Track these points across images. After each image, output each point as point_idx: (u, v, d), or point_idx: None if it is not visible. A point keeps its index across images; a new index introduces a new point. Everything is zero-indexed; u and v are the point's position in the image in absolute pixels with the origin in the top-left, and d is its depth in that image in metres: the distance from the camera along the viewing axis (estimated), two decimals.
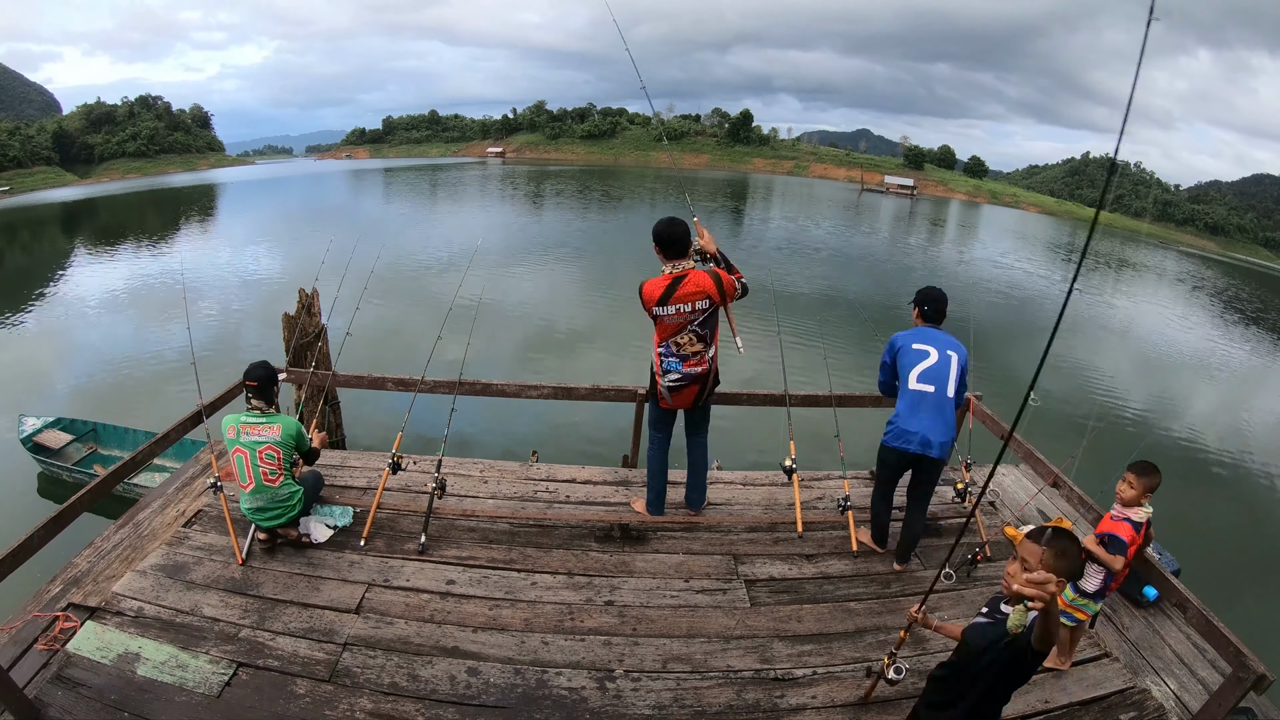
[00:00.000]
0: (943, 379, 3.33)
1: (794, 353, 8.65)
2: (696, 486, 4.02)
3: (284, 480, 3.40)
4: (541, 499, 4.22)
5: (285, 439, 3.38)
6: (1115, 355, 14.45)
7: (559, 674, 2.87)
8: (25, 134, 73.67)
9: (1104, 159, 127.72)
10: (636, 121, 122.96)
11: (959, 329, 3.69)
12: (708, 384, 3.61)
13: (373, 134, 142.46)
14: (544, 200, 40.70)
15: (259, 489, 3.34)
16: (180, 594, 3.15)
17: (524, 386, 4.75)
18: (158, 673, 2.71)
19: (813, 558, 3.78)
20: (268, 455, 3.34)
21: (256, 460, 3.32)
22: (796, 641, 3.14)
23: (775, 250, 24.03)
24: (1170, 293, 28.18)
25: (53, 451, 6.75)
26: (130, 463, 3.62)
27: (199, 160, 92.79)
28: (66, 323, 12.78)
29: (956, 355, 3.40)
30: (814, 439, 5.14)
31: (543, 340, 11.28)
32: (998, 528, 4.10)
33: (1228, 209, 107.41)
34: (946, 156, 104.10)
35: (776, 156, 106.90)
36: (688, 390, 3.60)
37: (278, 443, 3.36)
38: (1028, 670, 1.83)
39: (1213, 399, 12.44)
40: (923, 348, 3.41)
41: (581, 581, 3.47)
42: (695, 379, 3.55)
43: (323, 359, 5.41)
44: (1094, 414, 10.20)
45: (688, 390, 3.60)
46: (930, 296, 3.56)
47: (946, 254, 29.77)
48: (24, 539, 2.74)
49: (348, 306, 4.93)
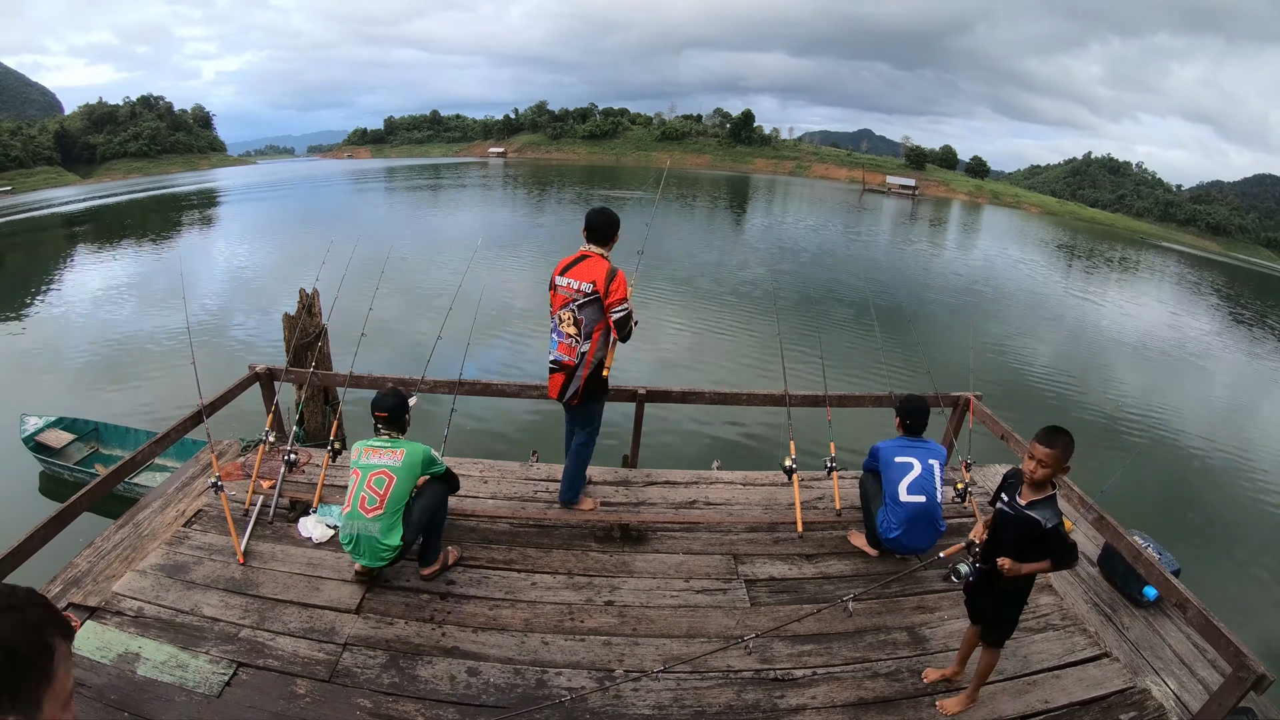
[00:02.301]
0: (930, 488, 3.52)
1: (794, 353, 8.65)
2: (564, 480, 4.04)
3: (383, 514, 3.02)
4: (541, 499, 4.22)
5: (408, 464, 3.08)
6: (1115, 356, 14.43)
7: (559, 674, 2.87)
8: (27, 134, 73.82)
9: (1105, 159, 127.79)
10: (638, 122, 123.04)
11: (959, 329, 3.69)
12: (573, 381, 3.63)
13: (374, 134, 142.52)
14: (544, 200, 40.71)
15: (353, 515, 3.04)
16: (180, 594, 3.16)
17: (524, 386, 4.75)
18: (158, 673, 2.71)
19: (813, 558, 3.78)
20: (377, 481, 3.03)
21: (365, 484, 3.04)
22: (796, 641, 3.14)
23: (774, 251, 24.01)
24: (1171, 293, 28.13)
25: (54, 451, 6.76)
26: (130, 463, 3.63)
27: (200, 160, 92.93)
28: (68, 322, 12.79)
29: (937, 462, 3.60)
30: (813, 440, 5.14)
31: (542, 339, 11.23)
32: None
33: (1229, 209, 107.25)
34: (948, 157, 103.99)
35: (778, 156, 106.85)
36: (554, 377, 3.69)
37: (395, 468, 3.05)
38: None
39: (1212, 400, 12.42)
40: (906, 460, 3.57)
41: (581, 581, 3.47)
42: (562, 367, 3.63)
43: (323, 359, 5.41)
44: (1094, 414, 10.21)
45: (554, 377, 3.69)
46: (914, 409, 3.69)
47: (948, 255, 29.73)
48: (24, 539, 2.75)
49: (349, 306, 4.93)
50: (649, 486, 4.43)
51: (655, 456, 5.75)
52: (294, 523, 3.74)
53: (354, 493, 3.06)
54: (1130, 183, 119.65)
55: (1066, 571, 3.83)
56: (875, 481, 3.70)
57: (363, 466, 3.08)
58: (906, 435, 3.66)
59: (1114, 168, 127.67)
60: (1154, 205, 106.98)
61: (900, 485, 3.51)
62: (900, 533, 3.54)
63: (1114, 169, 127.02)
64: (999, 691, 2.91)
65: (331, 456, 4.00)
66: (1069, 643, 3.23)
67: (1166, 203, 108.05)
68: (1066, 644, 3.22)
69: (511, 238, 23.25)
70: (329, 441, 4.03)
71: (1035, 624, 3.34)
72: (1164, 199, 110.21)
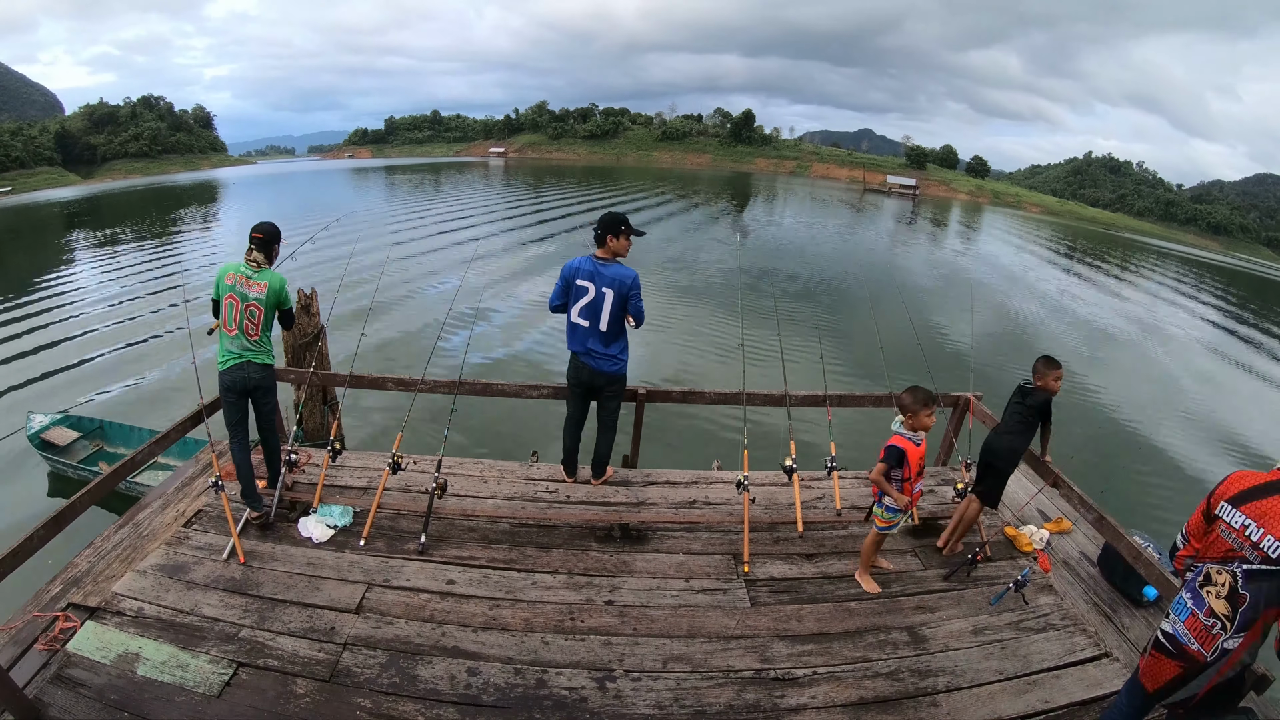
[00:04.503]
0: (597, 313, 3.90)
1: (794, 352, 8.64)
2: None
3: (262, 336, 3.63)
4: (541, 499, 4.22)
5: (269, 296, 3.58)
6: (1115, 357, 14.42)
7: (559, 674, 2.87)
8: (28, 134, 73.83)
9: (1105, 159, 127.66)
10: (639, 121, 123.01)
11: (960, 328, 3.69)
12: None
13: (375, 134, 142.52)
14: (545, 200, 40.70)
15: (239, 338, 3.56)
16: (180, 594, 3.16)
17: (524, 386, 4.75)
18: (158, 673, 2.71)
19: (813, 557, 3.77)
20: (251, 312, 3.54)
21: (244, 311, 3.53)
22: (796, 641, 3.14)
23: (775, 252, 24.00)
24: (1171, 294, 28.10)
25: (59, 448, 6.78)
26: (130, 462, 3.63)
27: (201, 160, 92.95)
28: (69, 322, 12.80)
29: (611, 291, 3.82)
30: (813, 440, 5.14)
31: (543, 339, 11.30)
32: (998, 528, 4.10)
33: (1230, 208, 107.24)
34: (949, 156, 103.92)
35: (779, 156, 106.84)
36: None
37: (262, 300, 3.56)
38: None
39: (1213, 400, 12.41)
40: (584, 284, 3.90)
41: (581, 581, 3.47)
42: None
43: (322, 359, 5.40)
44: (1093, 415, 10.21)
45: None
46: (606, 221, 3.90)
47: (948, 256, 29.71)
48: (24, 539, 2.75)
49: (351, 306, 4.93)
50: (649, 486, 4.43)
51: (655, 456, 5.75)
52: (294, 523, 3.74)
53: (237, 317, 3.52)
54: (1130, 182, 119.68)
55: (1066, 572, 3.83)
56: None
57: (239, 294, 3.52)
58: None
59: (1114, 167, 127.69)
60: (1155, 205, 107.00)
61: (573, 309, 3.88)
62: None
63: (1114, 168, 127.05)
64: (999, 691, 2.90)
65: (331, 456, 4.00)
66: (1069, 643, 3.22)
67: (1167, 202, 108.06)
68: (1066, 644, 3.21)
69: (512, 237, 23.26)
70: (328, 441, 4.03)
71: (1035, 624, 3.33)
72: (1164, 198, 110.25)
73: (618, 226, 3.80)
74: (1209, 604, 2.14)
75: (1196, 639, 2.17)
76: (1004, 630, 3.28)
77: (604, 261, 3.82)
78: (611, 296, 3.78)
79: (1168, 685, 2.27)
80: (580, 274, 3.82)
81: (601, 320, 3.81)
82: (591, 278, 3.79)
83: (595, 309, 3.80)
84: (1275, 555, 2.00)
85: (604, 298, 3.78)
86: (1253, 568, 2.05)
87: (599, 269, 3.80)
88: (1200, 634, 2.16)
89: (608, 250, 3.82)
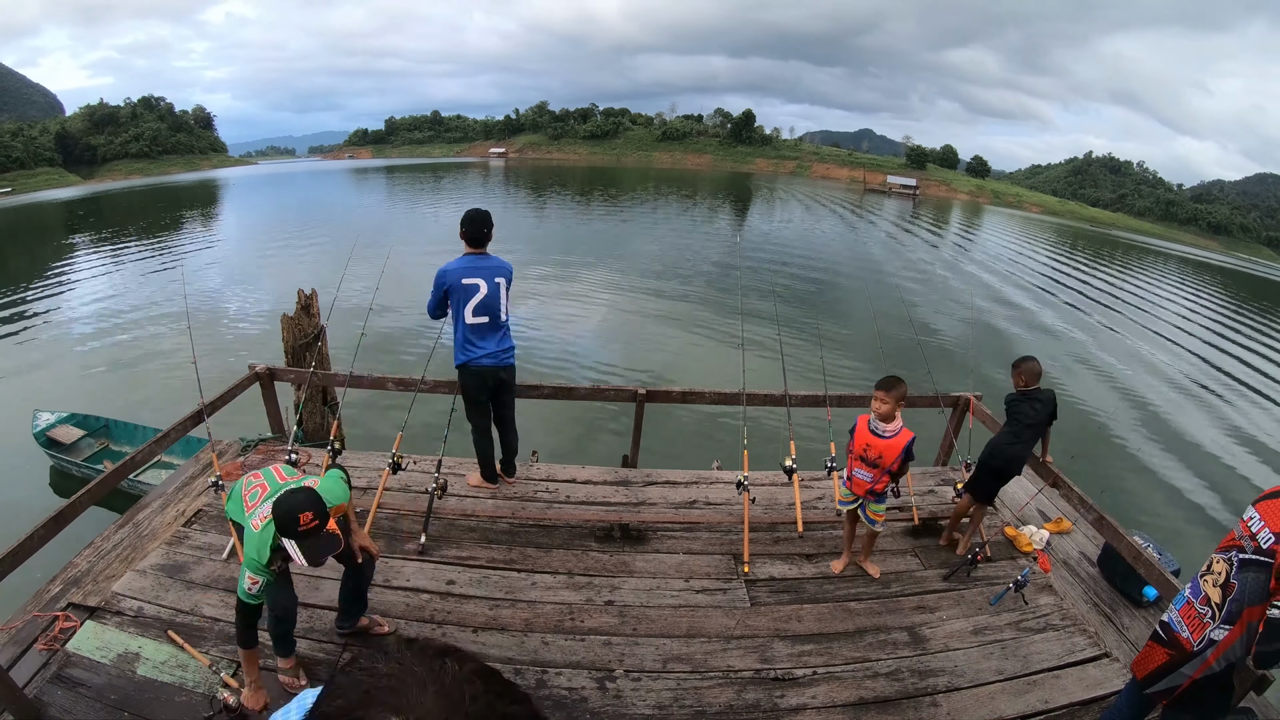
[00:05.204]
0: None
1: (794, 353, 8.64)
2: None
3: None
4: (541, 499, 4.22)
5: None
6: (1114, 358, 14.41)
7: (559, 674, 2.87)
8: (28, 135, 73.91)
9: (1105, 159, 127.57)
10: (639, 122, 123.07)
11: (960, 328, 3.68)
12: None
13: (375, 135, 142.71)
14: (545, 200, 40.70)
15: None
16: (180, 594, 3.16)
17: (524, 386, 4.74)
18: (158, 672, 2.71)
19: (813, 557, 3.77)
20: None
21: None
22: (796, 641, 3.14)
23: (775, 251, 24.00)
24: (1171, 295, 28.10)
25: (65, 447, 6.80)
26: (130, 462, 3.63)
27: (202, 161, 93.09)
28: (71, 322, 12.81)
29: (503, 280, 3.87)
30: (813, 440, 5.13)
31: (543, 339, 11.31)
32: (998, 528, 4.10)
33: (1230, 208, 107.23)
34: (949, 156, 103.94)
35: (779, 156, 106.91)
36: None
37: None
38: None
39: (1212, 401, 12.40)
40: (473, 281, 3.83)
41: (581, 581, 3.47)
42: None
43: (322, 359, 5.40)
44: (1093, 416, 10.20)
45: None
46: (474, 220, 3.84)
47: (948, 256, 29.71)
48: (24, 538, 2.75)
49: (351, 307, 4.93)
50: (649, 486, 4.44)
51: (655, 456, 5.75)
52: None
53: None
54: (1131, 182, 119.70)
55: (1066, 572, 3.83)
56: None
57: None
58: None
59: (1115, 167, 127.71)
60: (1155, 204, 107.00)
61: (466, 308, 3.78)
62: None
63: (1115, 168, 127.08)
64: (999, 691, 2.90)
65: (331, 456, 3.99)
66: (1069, 643, 3.22)
67: (1168, 202, 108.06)
68: (1066, 644, 3.21)
69: (513, 236, 23.26)
70: (329, 441, 4.03)
71: (1035, 624, 3.33)
72: (1165, 198, 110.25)
73: (490, 222, 3.84)
74: (1205, 591, 2.18)
75: (1188, 626, 2.21)
76: (1004, 630, 3.28)
77: (480, 255, 3.80)
78: (504, 284, 3.83)
79: (1154, 673, 2.29)
80: (464, 274, 3.75)
81: (501, 311, 3.84)
82: (477, 273, 3.77)
83: (492, 303, 3.79)
84: (1266, 546, 2.03)
85: (498, 288, 3.80)
86: (1246, 557, 2.08)
87: (478, 264, 3.78)
88: (1192, 621, 2.20)
89: (482, 247, 3.80)
